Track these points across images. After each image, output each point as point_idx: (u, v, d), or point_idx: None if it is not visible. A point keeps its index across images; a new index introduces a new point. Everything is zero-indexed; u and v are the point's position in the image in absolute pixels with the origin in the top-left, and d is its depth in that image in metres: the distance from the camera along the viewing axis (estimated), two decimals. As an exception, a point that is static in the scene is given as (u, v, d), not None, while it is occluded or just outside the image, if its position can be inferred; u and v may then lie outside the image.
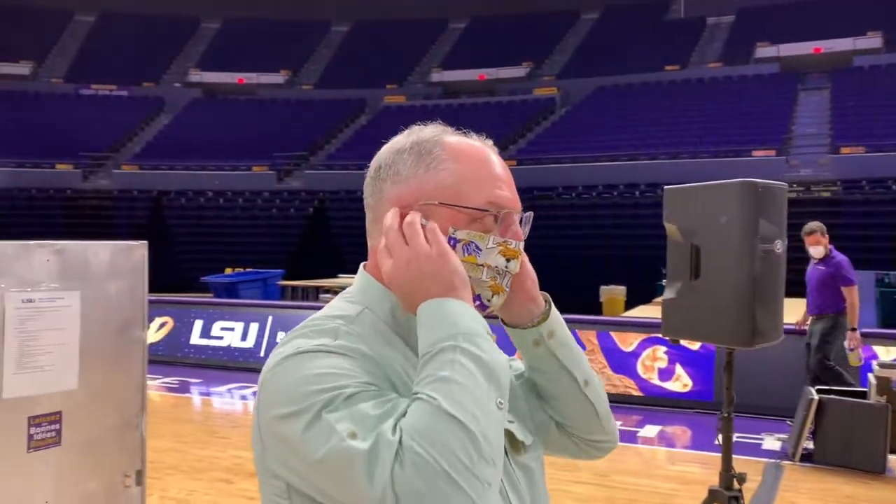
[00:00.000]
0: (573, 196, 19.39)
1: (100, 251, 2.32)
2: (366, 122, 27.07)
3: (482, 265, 1.00)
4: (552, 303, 1.12)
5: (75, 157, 23.57)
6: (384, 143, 1.07)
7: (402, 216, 0.99)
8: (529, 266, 1.10)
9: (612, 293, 14.67)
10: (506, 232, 1.02)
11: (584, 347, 8.08)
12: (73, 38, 32.39)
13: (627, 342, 7.86)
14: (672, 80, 25.84)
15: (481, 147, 1.06)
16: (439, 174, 1.01)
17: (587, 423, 1.13)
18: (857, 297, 6.51)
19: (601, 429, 1.14)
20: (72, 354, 2.28)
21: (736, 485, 3.22)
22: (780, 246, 3.15)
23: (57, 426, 2.23)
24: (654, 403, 7.51)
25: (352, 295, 1.05)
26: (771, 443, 6.27)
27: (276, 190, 22.35)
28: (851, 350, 6.44)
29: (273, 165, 23.06)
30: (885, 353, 6.96)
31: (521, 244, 1.04)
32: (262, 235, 19.94)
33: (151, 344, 9.90)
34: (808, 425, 5.73)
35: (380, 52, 30.30)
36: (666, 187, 3.23)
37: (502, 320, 1.09)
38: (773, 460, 5.79)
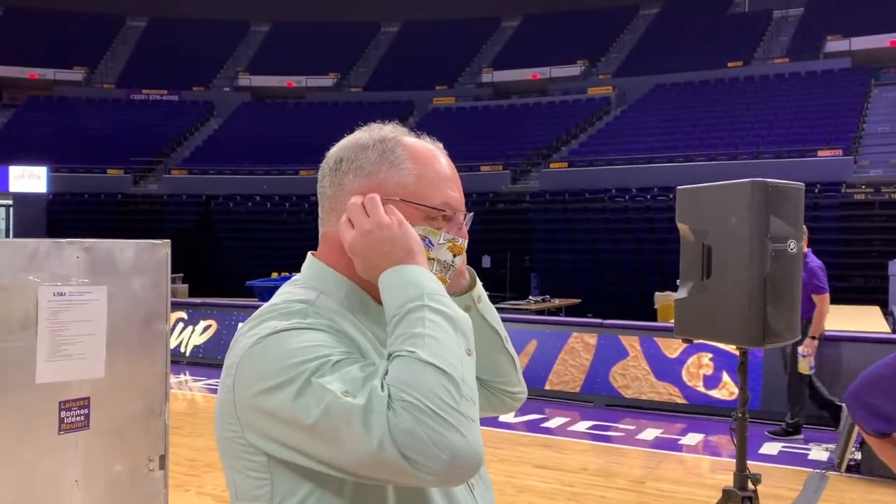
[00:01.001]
0: (627, 199, 19.33)
1: (125, 249, 2.59)
2: (414, 125, 27.41)
3: (433, 259, 1.13)
4: (475, 273, 1.30)
5: (126, 163, 24.44)
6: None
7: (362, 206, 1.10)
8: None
9: (668, 300, 14.57)
10: (454, 230, 1.16)
11: (626, 353, 8.15)
12: (125, 44, 33.55)
13: (672, 348, 7.90)
14: (734, 77, 25.46)
15: (436, 150, 1.19)
16: (401, 173, 1.13)
17: (508, 376, 1.30)
18: (827, 306, 6.37)
19: (518, 380, 1.32)
20: (99, 344, 2.55)
21: (750, 485, 3.32)
22: (793, 246, 3.25)
23: (85, 411, 2.50)
24: (699, 412, 7.54)
25: (304, 281, 1.15)
26: (818, 453, 6.26)
27: (324, 194, 22.79)
28: (804, 356, 6.37)
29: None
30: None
31: (466, 241, 1.18)
32: (308, 240, 20.38)
33: (195, 346, 10.32)
34: (855, 435, 5.71)
35: (429, 52, 30.64)
36: (679, 188, 3.36)
37: None
38: (817, 471, 5.79)
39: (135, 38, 33.71)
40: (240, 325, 1.15)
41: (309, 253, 1.21)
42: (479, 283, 1.28)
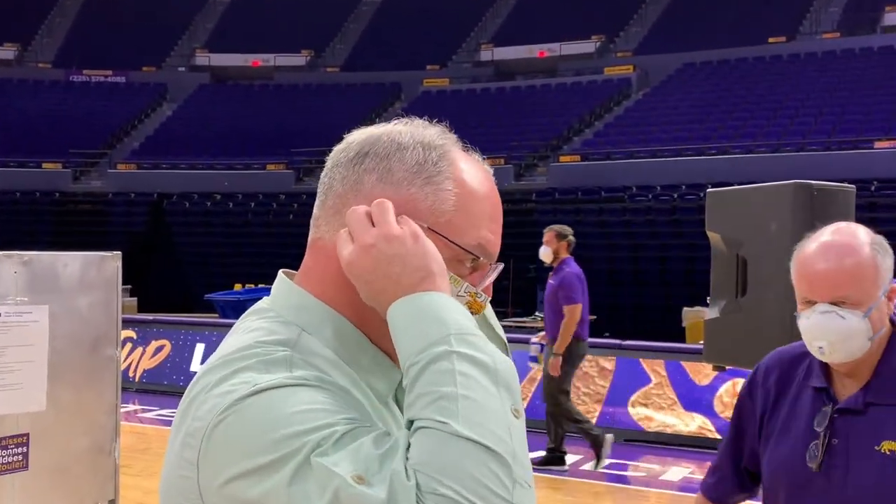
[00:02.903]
0: (650, 198, 19.41)
1: (70, 262, 2.62)
2: (402, 110, 27.47)
3: None
4: None
5: (65, 155, 24.42)
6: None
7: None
8: None
9: (697, 316, 14.61)
10: (479, 281, 1.04)
11: (649, 380, 8.20)
12: (64, 17, 33.53)
13: (702, 374, 7.95)
14: (777, 54, 25.57)
15: (487, 176, 1.08)
16: (439, 195, 1.01)
17: None
18: (575, 318, 6.46)
19: None
20: (40, 373, 2.58)
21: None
22: (843, 258, 3.31)
23: (24, 449, 2.53)
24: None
25: (279, 314, 1.01)
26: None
27: (295, 192, 22.84)
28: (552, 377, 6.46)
29: (291, 163, 23.58)
30: None
31: (488, 300, 1.07)
32: (278, 245, 20.41)
33: (146, 370, 10.33)
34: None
35: (419, 26, 30.73)
36: (709, 190, 3.42)
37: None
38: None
39: (74, 9, 33.71)
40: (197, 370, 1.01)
41: (280, 272, 1.07)
42: None
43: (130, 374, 10.29)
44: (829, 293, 1.78)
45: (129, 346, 10.47)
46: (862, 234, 1.84)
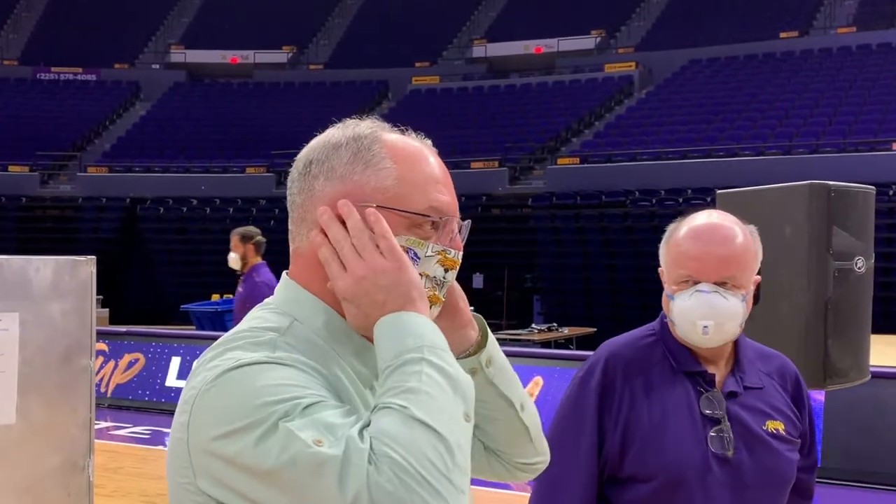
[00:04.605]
0: (653, 203, 19.47)
1: (41, 267, 2.61)
2: (389, 110, 27.50)
3: (420, 274, 1.18)
4: (486, 324, 1.33)
5: (32, 157, 24.36)
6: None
7: (338, 217, 1.17)
8: (457, 285, 1.29)
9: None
10: (445, 240, 1.22)
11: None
12: (30, 11, 33.49)
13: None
14: (788, 50, 25.67)
15: (421, 147, 1.25)
16: (378, 174, 1.19)
17: (521, 447, 1.35)
18: None
19: (534, 451, 1.37)
20: (8, 385, 2.57)
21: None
22: (862, 264, 3.31)
23: (-8, 466, 2.52)
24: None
25: (276, 305, 1.22)
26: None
27: (276, 196, 22.82)
28: None
29: (272, 166, 23.54)
30: None
31: (460, 254, 1.23)
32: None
33: (118, 385, 10.29)
34: None
35: (407, 21, 30.78)
36: (718, 191, 3.43)
37: None
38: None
39: (42, 3, 33.68)
40: (192, 361, 1.21)
41: (284, 272, 1.27)
42: (490, 339, 1.32)
43: (102, 389, 10.25)
44: (717, 273, 1.86)
45: (100, 359, 10.43)
46: (739, 221, 1.96)
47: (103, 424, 9.39)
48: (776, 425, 1.93)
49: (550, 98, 26.47)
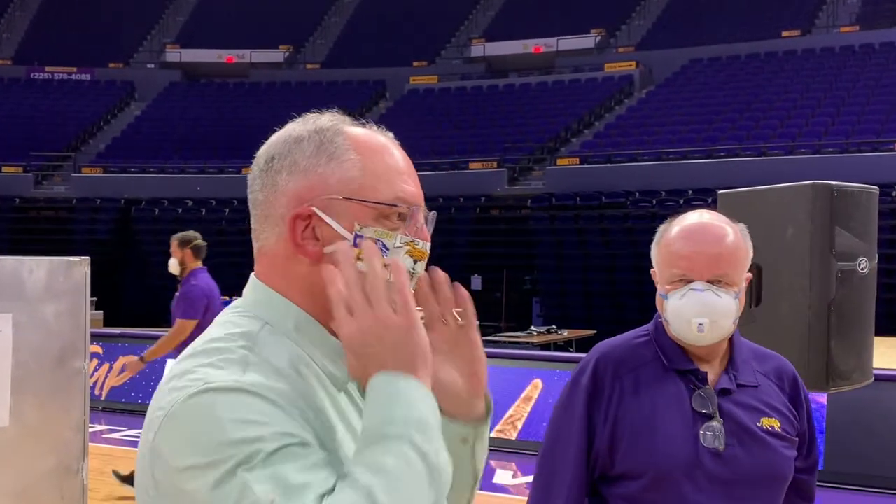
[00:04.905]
0: (654, 204, 19.46)
1: (35, 268, 2.61)
2: (387, 110, 27.51)
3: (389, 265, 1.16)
4: (491, 403, 1.30)
5: (25, 158, 24.34)
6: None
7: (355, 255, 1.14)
8: (482, 349, 1.27)
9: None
10: (412, 231, 1.21)
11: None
12: (24, 10, 33.46)
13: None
14: (791, 49, 25.68)
15: (385, 140, 1.25)
16: (343, 165, 1.19)
17: None
18: (184, 333, 6.39)
19: None
20: (2, 387, 2.57)
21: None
22: (865, 265, 3.31)
23: (-15, 470, 2.51)
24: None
25: (246, 308, 1.21)
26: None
27: (274, 197, 22.84)
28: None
29: (270, 166, 23.58)
30: None
31: (428, 245, 1.23)
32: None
33: (113, 388, 10.29)
34: None
35: (405, 20, 30.78)
36: (720, 192, 3.43)
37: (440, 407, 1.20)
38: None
39: (36, 2, 33.64)
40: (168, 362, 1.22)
41: (252, 273, 1.26)
42: (489, 414, 1.31)
43: (97, 392, 10.23)
44: (710, 271, 1.88)
45: (94, 361, 10.42)
46: (730, 220, 1.98)
47: (98, 428, 9.38)
48: (771, 422, 1.94)
49: (550, 98, 26.46)
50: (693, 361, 1.95)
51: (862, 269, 3.26)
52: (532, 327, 14.98)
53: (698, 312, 1.86)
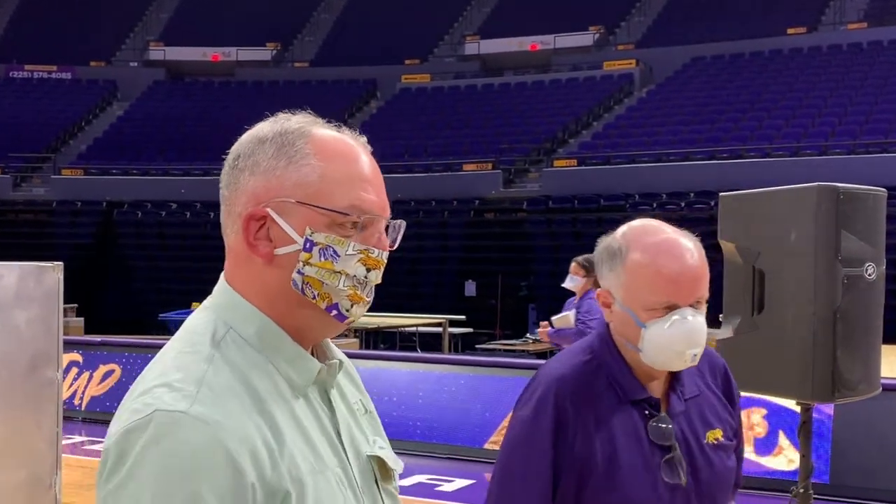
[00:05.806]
0: (654, 207, 19.46)
1: (5, 274, 2.58)
2: (378, 110, 27.52)
3: (339, 272, 1.22)
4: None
5: (4, 159, 24.31)
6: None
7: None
8: None
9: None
10: (369, 239, 1.25)
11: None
12: (2, 7, 33.41)
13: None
14: (796, 47, 25.75)
15: (351, 144, 1.28)
16: (301, 169, 1.23)
17: None
18: None
19: None
20: (-30, 398, 2.53)
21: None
22: (872, 270, 3.29)
23: (-48, 485, 2.48)
24: (750, 485, 7.55)
25: (214, 309, 1.27)
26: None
27: (261, 200, 22.84)
28: None
29: (257, 168, 23.58)
30: None
31: (386, 254, 1.27)
32: (242, 260, 20.39)
33: (93, 398, 10.25)
34: None
35: (396, 16, 30.80)
36: (722, 194, 3.40)
37: None
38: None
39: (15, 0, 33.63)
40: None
41: (223, 273, 1.31)
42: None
43: (76, 402, 10.19)
44: (694, 294, 1.85)
45: (74, 370, 10.38)
46: (679, 230, 1.93)
47: (77, 439, 9.33)
48: (715, 434, 1.94)
49: (547, 97, 26.49)
50: (644, 386, 1.91)
51: (869, 275, 3.23)
52: (528, 335, 14.96)
53: (691, 343, 1.81)
